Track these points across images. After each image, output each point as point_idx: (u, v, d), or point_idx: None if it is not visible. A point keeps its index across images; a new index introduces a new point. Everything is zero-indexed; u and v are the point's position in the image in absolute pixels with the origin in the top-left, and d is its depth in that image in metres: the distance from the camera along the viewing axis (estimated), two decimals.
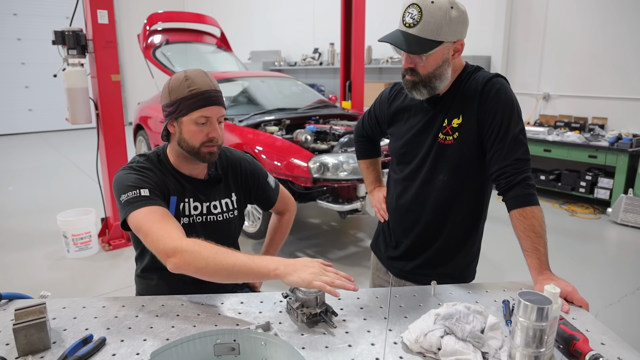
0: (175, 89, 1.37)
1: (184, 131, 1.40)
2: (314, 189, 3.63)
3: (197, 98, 1.36)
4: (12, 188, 5.95)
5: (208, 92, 1.38)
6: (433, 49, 1.31)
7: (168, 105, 1.40)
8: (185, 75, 1.37)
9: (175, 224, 1.29)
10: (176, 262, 1.19)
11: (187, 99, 1.36)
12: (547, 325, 0.91)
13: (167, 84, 1.41)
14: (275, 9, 9.80)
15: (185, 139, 1.40)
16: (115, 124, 3.80)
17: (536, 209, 1.32)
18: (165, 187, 1.42)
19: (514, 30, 5.99)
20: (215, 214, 1.52)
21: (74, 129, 10.64)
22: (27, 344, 1.03)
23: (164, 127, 1.45)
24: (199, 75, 1.38)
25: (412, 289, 1.36)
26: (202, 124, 1.38)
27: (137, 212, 1.28)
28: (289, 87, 5.37)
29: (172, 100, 1.38)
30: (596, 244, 4.13)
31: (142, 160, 1.45)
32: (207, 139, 1.40)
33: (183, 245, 1.20)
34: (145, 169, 1.41)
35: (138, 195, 1.31)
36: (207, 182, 1.52)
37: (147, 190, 1.33)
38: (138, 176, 1.37)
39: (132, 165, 1.42)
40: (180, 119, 1.39)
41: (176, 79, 1.39)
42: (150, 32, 5.52)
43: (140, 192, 1.31)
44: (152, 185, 1.36)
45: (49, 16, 10.40)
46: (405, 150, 1.53)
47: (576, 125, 5.38)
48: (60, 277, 3.42)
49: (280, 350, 0.96)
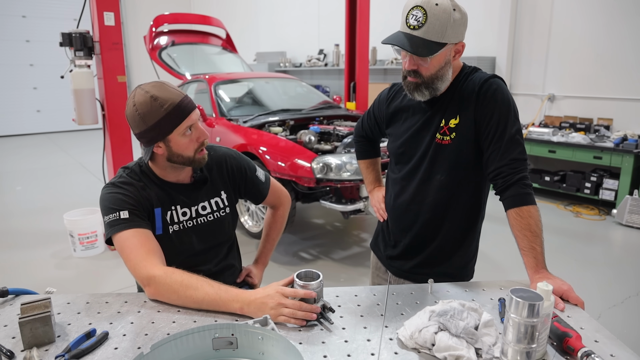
0: (148, 114, 1.33)
1: (174, 147, 1.39)
2: (318, 189, 3.66)
3: (175, 113, 1.35)
4: (20, 188, 6.03)
5: (182, 101, 1.36)
6: (438, 51, 1.32)
7: (146, 131, 1.35)
8: (151, 96, 1.33)
9: (152, 249, 1.32)
10: (151, 292, 1.27)
11: (166, 117, 1.34)
12: (538, 321, 0.93)
13: (133, 112, 1.35)
14: (280, 10, 9.85)
15: (178, 153, 1.40)
16: (121, 124, 3.85)
17: (533, 208, 1.33)
18: (148, 201, 1.42)
19: (518, 31, 5.99)
20: (204, 215, 1.53)
21: (80, 130, 10.76)
22: (32, 337, 1.06)
23: (150, 152, 1.41)
24: (162, 90, 1.35)
25: (409, 287, 1.38)
26: (189, 132, 1.39)
27: (119, 235, 1.32)
28: (293, 88, 5.41)
29: (149, 126, 1.34)
30: (601, 246, 4.12)
31: (125, 175, 1.45)
32: (199, 143, 1.42)
33: (156, 275, 1.25)
34: (127, 185, 1.41)
35: (118, 218, 1.33)
36: (192, 186, 1.52)
37: (127, 211, 1.34)
38: (119, 195, 1.37)
39: (114, 182, 1.42)
40: (166, 138, 1.37)
41: (143, 103, 1.33)
42: (156, 33, 5.58)
43: (120, 214, 1.33)
44: (132, 205, 1.37)
45: (57, 18, 10.53)
46: (404, 150, 1.54)
47: (581, 126, 5.36)
48: (67, 276, 3.47)
49: (277, 345, 0.98)
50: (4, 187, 6.14)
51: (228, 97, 4.81)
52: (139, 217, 1.37)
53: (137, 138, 1.40)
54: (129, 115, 1.37)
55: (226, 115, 4.39)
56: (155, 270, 1.26)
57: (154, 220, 1.43)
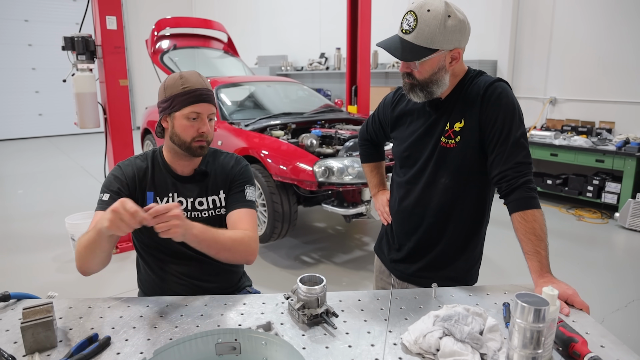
0: (170, 87, 1.47)
1: (176, 126, 1.48)
2: (319, 192, 3.65)
3: (189, 95, 1.45)
4: (22, 191, 6.03)
5: (200, 90, 1.46)
6: (426, 57, 1.33)
7: (163, 101, 1.49)
8: (181, 75, 1.48)
9: None
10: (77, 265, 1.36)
11: (180, 95, 1.45)
12: (544, 326, 0.92)
13: (163, 82, 1.51)
14: (282, 13, 9.87)
15: (177, 133, 1.48)
16: (123, 128, 3.85)
17: (537, 212, 1.32)
18: (140, 183, 1.51)
19: (520, 34, 5.99)
20: (200, 210, 1.55)
21: (82, 133, 10.78)
22: (34, 342, 1.06)
23: (158, 123, 1.54)
24: (193, 75, 1.49)
25: (413, 291, 1.37)
26: (193, 119, 1.47)
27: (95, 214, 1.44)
28: (295, 91, 5.41)
29: (166, 97, 1.47)
30: (603, 249, 4.10)
31: (133, 158, 1.57)
32: (198, 134, 1.48)
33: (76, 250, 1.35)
34: (127, 165, 1.54)
35: (101, 200, 1.47)
36: (192, 178, 1.57)
37: (109, 194, 1.46)
38: (112, 177, 1.50)
39: (120, 164, 1.55)
40: (173, 114, 1.48)
41: (172, 77, 1.49)
42: (158, 37, 5.59)
43: (103, 196, 1.47)
44: (118, 187, 1.48)
45: (59, 22, 10.55)
46: (408, 153, 1.54)
47: (583, 129, 5.35)
48: (68, 279, 3.47)
49: (281, 350, 0.98)
50: (6, 190, 6.14)
51: (230, 100, 4.81)
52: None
53: (157, 106, 1.53)
54: (161, 85, 1.52)
55: (228, 118, 4.39)
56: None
57: (145, 202, 1.47)
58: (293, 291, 1.23)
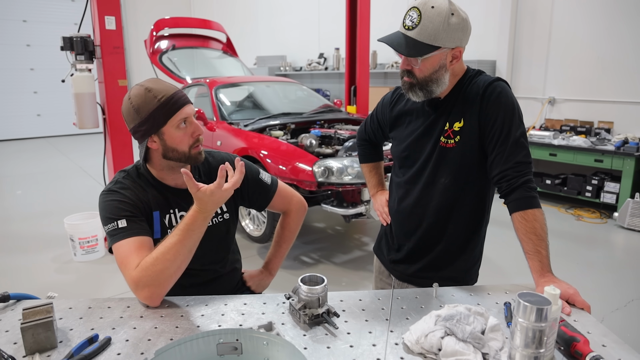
0: (142, 105, 1.33)
1: (169, 141, 1.36)
2: (319, 193, 3.65)
3: (169, 104, 1.33)
4: (21, 192, 6.02)
5: (176, 94, 1.36)
6: (429, 54, 1.32)
7: (140, 124, 1.34)
8: (146, 88, 1.34)
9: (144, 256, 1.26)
10: (144, 295, 1.24)
11: (160, 108, 1.33)
12: (546, 326, 0.92)
13: (128, 105, 1.35)
14: (280, 14, 9.87)
15: (172, 147, 1.37)
16: (122, 128, 3.84)
17: (537, 211, 1.32)
18: (146, 204, 1.41)
19: (519, 34, 5.99)
20: None
21: (81, 134, 10.77)
22: (34, 343, 1.05)
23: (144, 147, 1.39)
24: (157, 83, 1.36)
25: (414, 291, 1.37)
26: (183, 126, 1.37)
27: (116, 245, 1.30)
28: (294, 91, 5.41)
29: (143, 118, 1.33)
30: (602, 249, 4.10)
31: (121, 179, 1.42)
32: (193, 139, 1.39)
33: (134, 276, 1.23)
34: (124, 189, 1.39)
35: (116, 228, 1.31)
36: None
37: (125, 219, 1.32)
38: (115, 202, 1.35)
39: (110, 188, 1.40)
40: (160, 130, 1.35)
41: (137, 95, 1.34)
42: (157, 37, 5.59)
43: (117, 224, 1.31)
44: (129, 212, 1.34)
45: (58, 23, 10.54)
46: (407, 153, 1.54)
47: (582, 129, 5.36)
48: (67, 280, 3.46)
49: (282, 350, 0.97)
50: (4, 191, 6.13)
51: (229, 100, 4.81)
52: (137, 222, 1.34)
53: (132, 134, 1.38)
54: (125, 110, 1.37)
55: (227, 119, 4.39)
56: (133, 273, 1.23)
57: (152, 224, 1.41)
58: (294, 291, 1.23)
